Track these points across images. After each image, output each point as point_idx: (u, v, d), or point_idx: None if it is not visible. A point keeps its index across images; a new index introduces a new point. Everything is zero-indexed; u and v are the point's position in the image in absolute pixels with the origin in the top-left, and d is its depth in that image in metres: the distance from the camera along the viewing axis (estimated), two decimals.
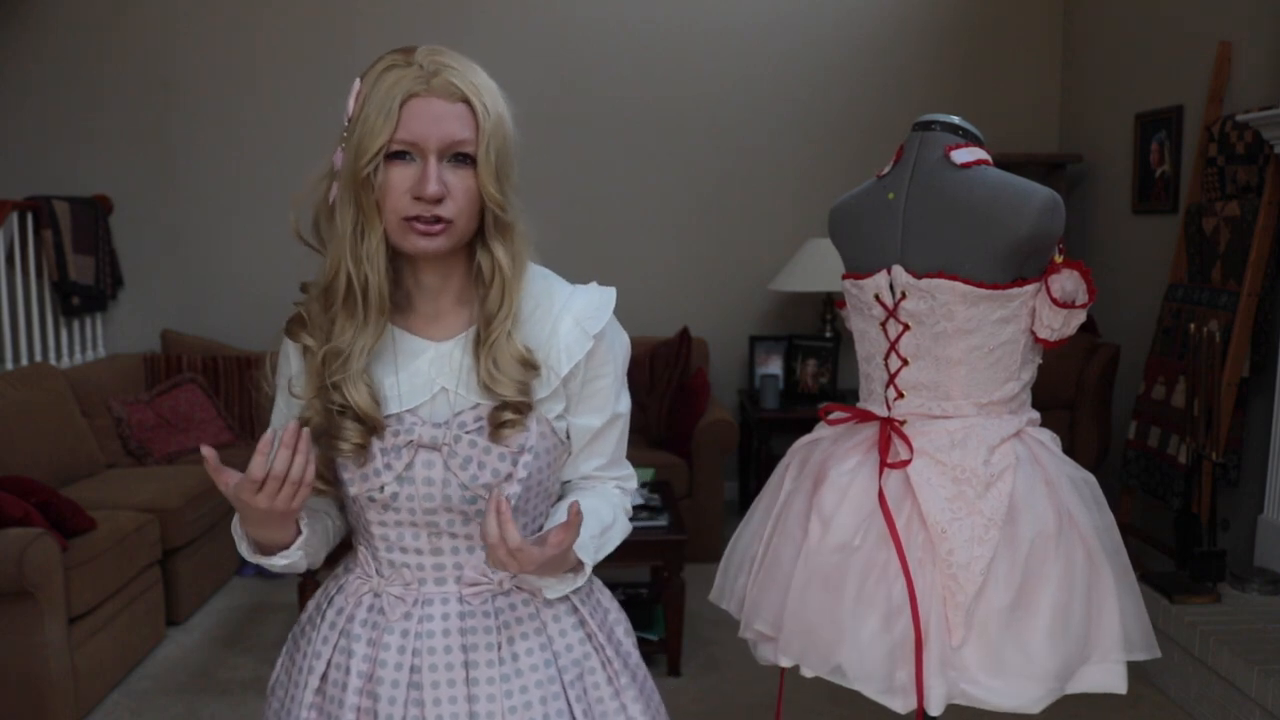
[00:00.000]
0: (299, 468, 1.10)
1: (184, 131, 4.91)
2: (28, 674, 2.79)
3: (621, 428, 1.33)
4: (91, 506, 3.27)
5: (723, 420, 4.32)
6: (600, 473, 1.33)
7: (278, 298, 4.82)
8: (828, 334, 4.96)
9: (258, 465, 1.09)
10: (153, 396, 4.44)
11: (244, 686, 3.22)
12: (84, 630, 2.98)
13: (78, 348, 4.72)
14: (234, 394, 4.67)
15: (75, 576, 2.92)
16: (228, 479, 1.11)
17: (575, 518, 1.12)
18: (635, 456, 1.39)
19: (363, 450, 1.20)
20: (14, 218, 4.29)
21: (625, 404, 1.32)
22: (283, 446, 1.09)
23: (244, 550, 1.25)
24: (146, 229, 4.95)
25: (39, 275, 4.48)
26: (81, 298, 4.61)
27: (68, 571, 2.89)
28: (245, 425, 4.66)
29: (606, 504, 1.31)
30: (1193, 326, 3.40)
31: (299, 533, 1.22)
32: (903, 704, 1.75)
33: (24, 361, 4.20)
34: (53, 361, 4.46)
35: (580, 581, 1.26)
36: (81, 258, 4.61)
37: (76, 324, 4.73)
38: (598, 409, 1.29)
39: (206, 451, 1.11)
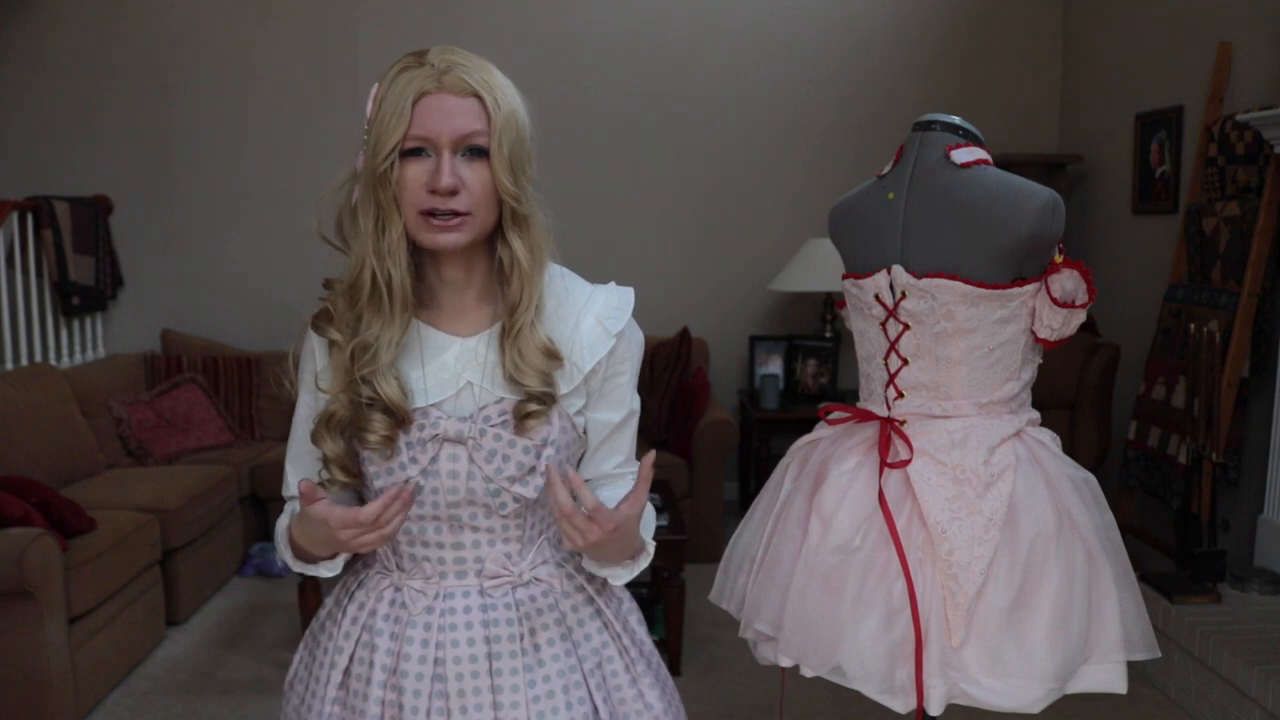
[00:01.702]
0: (396, 525, 1.15)
1: (184, 131, 4.91)
2: (28, 674, 2.79)
3: (635, 425, 1.37)
4: (91, 506, 3.27)
5: (723, 420, 4.32)
6: (619, 470, 1.36)
7: (278, 298, 4.89)
8: (828, 334, 4.96)
9: (372, 511, 1.13)
10: (153, 396, 4.44)
11: (244, 686, 3.22)
12: (84, 630, 2.98)
13: (78, 348, 4.72)
14: (234, 394, 4.67)
15: (75, 576, 2.92)
16: (326, 512, 1.14)
17: (648, 470, 1.17)
18: (636, 456, 1.42)
19: (390, 443, 1.23)
20: (14, 218, 4.29)
21: (638, 401, 1.36)
22: (400, 502, 1.14)
23: (287, 557, 1.31)
24: (146, 229, 4.95)
25: (39, 275, 4.48)
26: (81, 298, 4.61)
27: (68, 571, 2.89)
28: (245, 425, 4.66)
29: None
30: (1193, 326, 3.40)
31: None
32: (903, 704, 1.75)
33: (24, 361, 4.20)
34: (53, 361, 4.46)
35: (644, 564, 1.31)
36: (81, 258, 4.61)
37: (76, 324, 4.73)
38: (616, 404, 1.32)
39: (304, 486, 1.15)
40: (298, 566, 1.31)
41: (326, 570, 1.31)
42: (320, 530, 1.18)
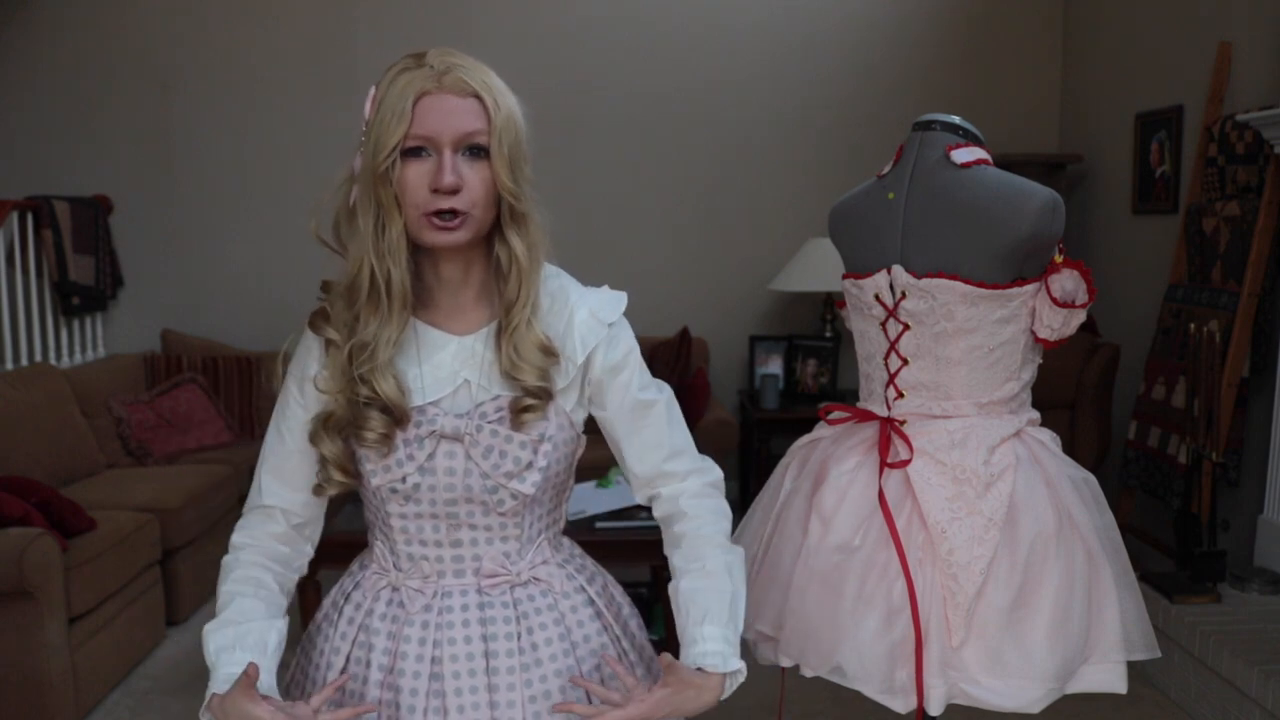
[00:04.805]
0: None
1: (184, 131, 4.91)
2: (28, 674, 2.78)
3: (663, 415, 1.33)
4: (91, 506, 3.27)
5: (723, 420, 4.32)
6: (670, 465, 1.33)
7: (278, 298, 4.90)
8: (828, 334, 4.96)
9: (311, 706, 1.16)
10: (153, 396, 4.44)
11: None
12: (84, 630, 2.98)
13: (78, 348, 4.72)
14: (234, 394, 4.67)
15: (75, 576, 2.92)
16: (255, 707, 1.13)
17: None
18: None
19: (387, 441, 1.23)
20: (14, 218, 4.29)
21: (653, 394, 1.33)
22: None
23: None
24: (146, 229, 4.95)
25: (39, 275, 4.48)
26: (81, 298, 4.61)
27: (68, 571, 2.89)
28: (245, 425, 4.66)
29: (716, 574, 1.29)
30: (1193, 326, 3.40)
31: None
32: (903, 704, 1.75)
33: (24, 361, 4.20)
34: (53, 361, 4.45)
35: (739, 680, 1.25)
36: (81, 258, 4.61)
37: (76, 324, 4.73)
38: (623, 398, 1.32)
39: (251, 669, 1.15)
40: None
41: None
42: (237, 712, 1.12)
